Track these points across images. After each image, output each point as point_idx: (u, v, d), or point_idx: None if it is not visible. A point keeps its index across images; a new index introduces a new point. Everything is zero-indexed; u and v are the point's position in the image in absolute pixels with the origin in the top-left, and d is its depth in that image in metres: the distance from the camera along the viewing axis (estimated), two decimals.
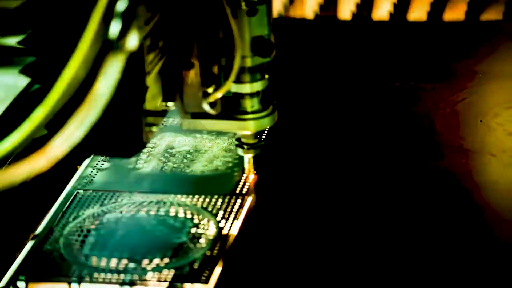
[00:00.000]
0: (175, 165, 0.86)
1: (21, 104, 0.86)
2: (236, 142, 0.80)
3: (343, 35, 1.15)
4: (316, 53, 1.10)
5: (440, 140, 0.89)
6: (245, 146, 0.80)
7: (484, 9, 1.22)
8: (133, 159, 0.87)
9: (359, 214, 0.78)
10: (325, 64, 1.07)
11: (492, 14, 1.22)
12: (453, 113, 0.94)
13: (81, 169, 0.86)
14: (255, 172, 0.82)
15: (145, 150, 0.88)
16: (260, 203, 0.80)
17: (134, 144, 0.64)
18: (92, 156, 0.88)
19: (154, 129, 0.66)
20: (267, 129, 0.88)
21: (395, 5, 1.25)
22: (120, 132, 0.63)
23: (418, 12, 1.24)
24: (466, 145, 0.88)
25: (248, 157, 0.81)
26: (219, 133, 0.91)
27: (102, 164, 0.86)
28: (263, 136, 0.87)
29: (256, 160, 0.82)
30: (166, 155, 0.88)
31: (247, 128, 0.77)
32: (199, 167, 0.86)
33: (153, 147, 0.89)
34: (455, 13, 1.23)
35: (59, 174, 0.86)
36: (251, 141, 0.80)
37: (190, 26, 0.69)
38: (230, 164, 0.85)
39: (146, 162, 0.87)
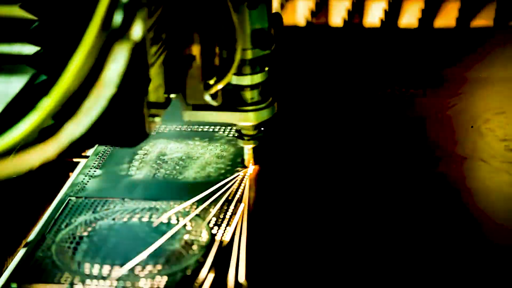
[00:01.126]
0: (167, 172, 0.86)
1: (23, 99, 0.86)
2: (236, 134, 0.81)
3: (335, 42, 1.15)
4: (308, 59, 1.10)
5: (431, 145, 0.89)
6: (245, 137, 0.81)
7: (475, 16, 1.23)
8: (125, 166, 0.87)
9: (352, 218, 0.78)
10: (317, 70, 1.07)
11: (483, 21, 1.22)
12: (444, 119, 0.94)
13: (73, 176, 0.86)
14: (254, 163, 0.83)
15: (137, 157, 0.89)
16: (254, 208, 0.80)
17: (137, 134, 0.65)
18: (84, 163, 0.88)
19: (156, 119, 0.66)
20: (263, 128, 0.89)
21: (386, 12, 1.26)
22: (124, 123, 0.63)
23: (409, 19, 1.24)
24: (457, 150, 0.88)
25: (248, 148, 0.82)
26: (211, 140, 0.91)
27: (94, 171, 0.87)
28: (262, 130, 0.87)
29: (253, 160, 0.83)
30: (158, 162, 0.88)
31: (247, 119, 0.78)
32: (191, 173, 0.86)
33: (145, 154, 0.89)
34: (446, 20, 1.23)
35: (51, 180, 0.86)
36: (251, 132, 0.81)
37: (192, 19, 0.70)
38: (223, 171, 0.86)
39: (139, 169, 0.87)
